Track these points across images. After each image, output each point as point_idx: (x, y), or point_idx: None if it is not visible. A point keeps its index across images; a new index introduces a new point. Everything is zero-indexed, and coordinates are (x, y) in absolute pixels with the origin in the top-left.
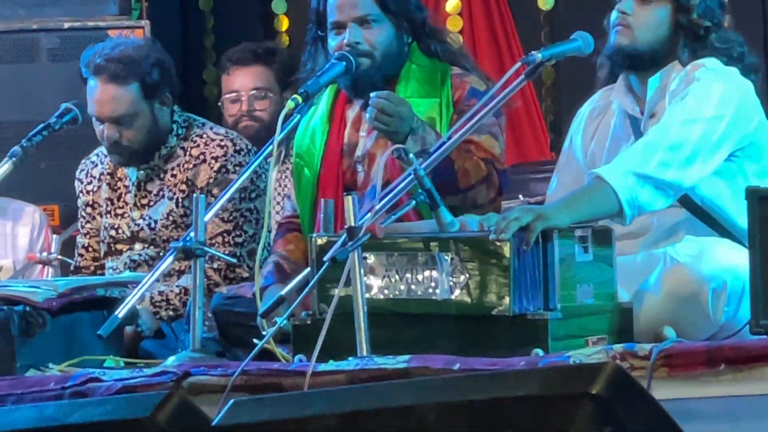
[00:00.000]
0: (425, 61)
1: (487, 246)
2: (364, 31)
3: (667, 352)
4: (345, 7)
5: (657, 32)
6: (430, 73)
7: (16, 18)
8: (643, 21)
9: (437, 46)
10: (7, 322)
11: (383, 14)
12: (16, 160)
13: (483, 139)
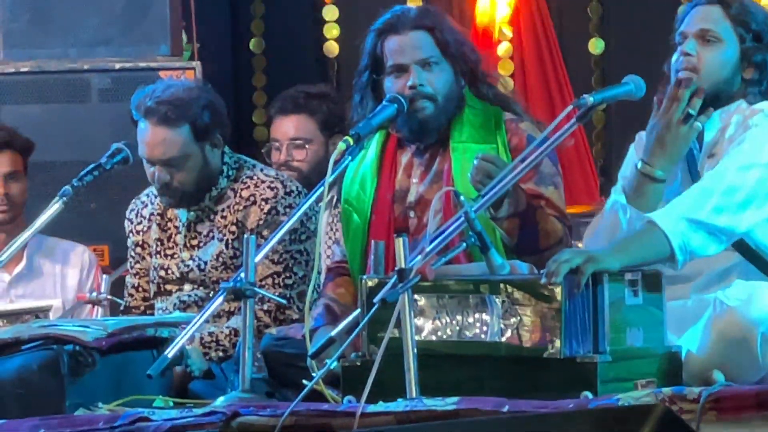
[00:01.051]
0: (478, 105)
1: (538, 289)
2: (426, 73)
3: (716, 396)
4: (407, 49)
5: (722, 73)
6: (484, 118)
7: (68, 58)
8: (708, 62)
9: (489, 90)
10: (56, 361)
11: (443, 57)
12: (67, 200)
13: (551, 193)
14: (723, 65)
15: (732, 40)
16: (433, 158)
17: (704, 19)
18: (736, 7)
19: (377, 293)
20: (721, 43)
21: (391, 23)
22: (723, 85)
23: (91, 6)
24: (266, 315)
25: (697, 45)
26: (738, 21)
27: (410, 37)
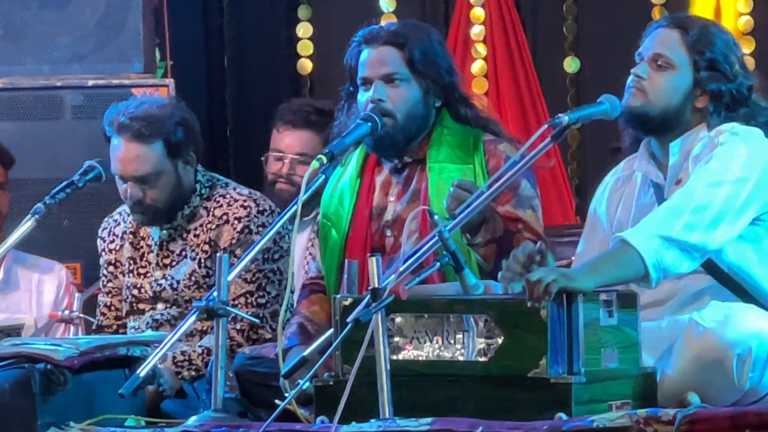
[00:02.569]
0: (456, 126)
1: (522, 310)
2: (390, 89)
3: (691, 418)
4: (374, 63)
5: (672, 98)
6: (461, 138)
7: (41, 74)
8: (657, 86)
9: (467, 111)
10: (28, 379)
11: (411, 75)
12: (39, 217)
13: (528, 216)
14: (673, 91)
15: (686, 67)
16: (411, 177)
17: (661, 43)
18: (695, 34)
19: (351, 312)
20: (673, 69)
21: (368, 36)
22: (672, 111)
23: (64, 23)
24: (239, 334)
25: (650, 69)
26: (694, 48)
27: (379, 51)
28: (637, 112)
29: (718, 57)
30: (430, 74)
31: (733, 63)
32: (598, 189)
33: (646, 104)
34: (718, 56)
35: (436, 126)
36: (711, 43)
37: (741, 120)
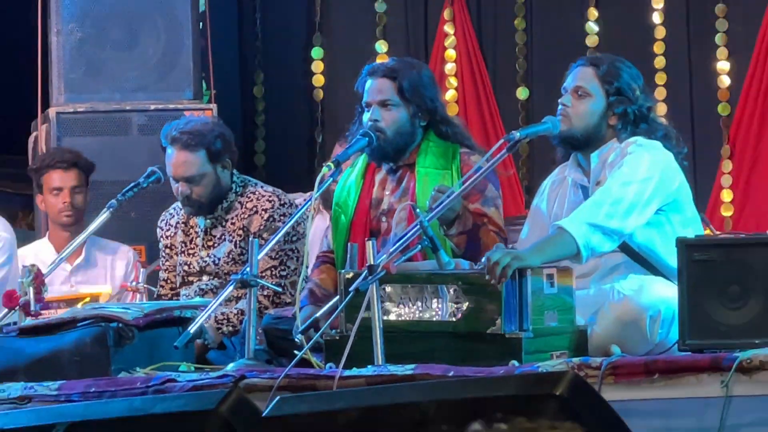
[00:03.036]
0: (439, 141)
1: (481, 282)
2: (384, 112)
3: (613, 364)
4: (373, 91)
5: (589, 120)
6: (443, 151)
7: (114, 101)
8: (579, 111)
9: (448, 129)
10: (104, 335)
11: (400, 100)
12: (113, 210)
13: (492, 213)
14: (591, 114)
15: (599, 95)
16: (402, 178)
17: (579, 78)
18: (604, 69)
19: (352, 283)
20: (590, 97)
21: (371, 70)
22: (592, 129)
23: (132, 61)
24: (266, 299)
25: (572, 98)
26: (605, 80)
27: (378, 82)
28: (565, 135)
29: (623, 86)
30: (415, 100)
31: (635, 89)
32: (539, 189)
33: (571, 128)
34: (623, 85)
35: (424, 140)
36: (618, 75)
37: (644, 134)
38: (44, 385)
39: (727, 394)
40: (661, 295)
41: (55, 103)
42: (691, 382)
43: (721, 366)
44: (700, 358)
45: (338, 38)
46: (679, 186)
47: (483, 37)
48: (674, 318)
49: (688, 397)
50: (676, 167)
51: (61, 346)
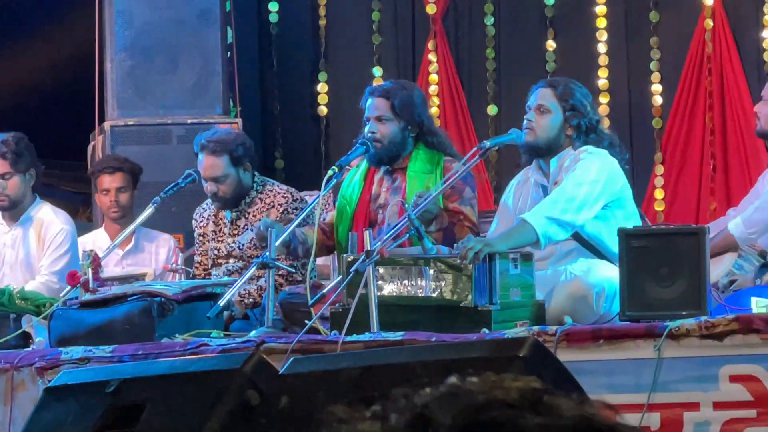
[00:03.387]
0: (427, 150)
1: (457, 264)
2: (380, 125)
3: (566, 332)
4: (371, 108)
5: (550, 132)
6: (430, 158)
7: (158, 116)
8: (542, 125)
9: (434, 140)
10: (149, 308)
11: (393, 116)
12: (157, 205)
13: (467, 211)
14: (552, 127)
15: (558, 111)
16: (396, 178)
17: (540, 97)
18: (560, 89)
19: (352, 265)
20: (551, 113)
21: (372, 90)
22: (553, 140)
23: (172, 83)
24: (281, 278)
25: (536, 114)
26: (562, 98)
27: (376, 100)
28: (531, 145)
29: (576, 102)
30: (405, 116)
31: (585, 105)
32: (507, 187)
33: (536, 139)
34: (577, 102)
35: (415, 149)
36: (572, 94)
37: (594, 143)
38: (100, 349)
39: (659, 356)
40: (605, 275)
41: (109, 117)
42: (629, 347)
43: (654, 333)
44: (637, 326)
45: (340, 65)
46: (622, 187)
47: (460, 63)
48: (616, 294)
49: (627, 359)
50: (619, 171)
51: (114, 317)
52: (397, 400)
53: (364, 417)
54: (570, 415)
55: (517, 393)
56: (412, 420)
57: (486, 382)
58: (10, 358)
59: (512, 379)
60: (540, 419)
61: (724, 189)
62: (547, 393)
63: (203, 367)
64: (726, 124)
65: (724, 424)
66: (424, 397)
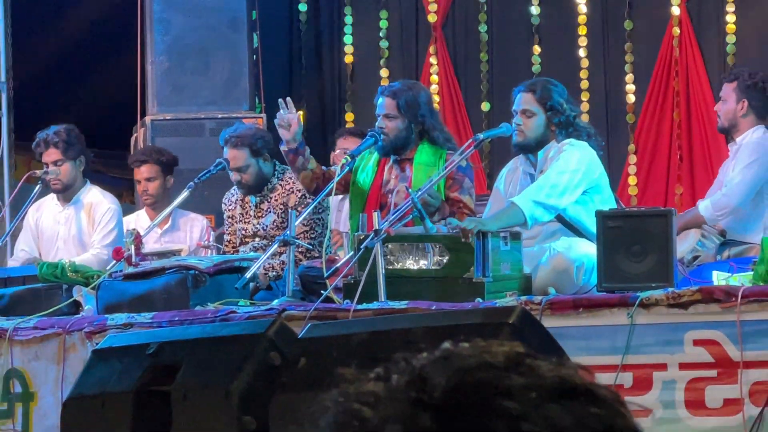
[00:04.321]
0: (431, 145)
1: (457, 242)
2: (387, 121)
3: (550, 301)
4: (381, 106)
5: (537, 131)
6: (434, 152)
7: (192, 112)
8: (529, 127)
9: (439, 136)
10: (184, 279)
11: (398, 114)
12: (191, 190)
13: (466, 200)
14: (538, 127)
15: (540, 112)
16: (404, 167)
17: (523, 102)
18: (540, 92)
19: (363, 242)
20: (535, 116)
21: (383, 89)
22: (540, 137)
23: (205, 82)
24: (300, 254)
25: (522, 118)
26: (540, 101)
27: (384, 99)
28: (521, 145)
29: (554, 103)
30: (409, 115)
31: (562, 103)
32: (499, 175)
33: (525, 140)
34: (555, 102)
35: (420, 142)
36: (549, 95)
37: (574, 136)
38: (142, 315)
39: (632, 322)
40: (584, 251)
41: (150, 112)
42: (605, 314)
43: (627, 302)
44: (612, 296)
45: (355, 67)
46: (600, 175)
47: (457, 65)
48: (594, 268)
49: (604, 325)
50: (597, 161)
51: (153, 288)
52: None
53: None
54: (550, 375)
55: (503, 356)
56: (411, 380)
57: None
58: (62, 324)
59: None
60: (523, 379)
61: (690, 176)
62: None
63: (232, 331)
64: (691, 119)
65: (688, 382)
66: (421, 360)
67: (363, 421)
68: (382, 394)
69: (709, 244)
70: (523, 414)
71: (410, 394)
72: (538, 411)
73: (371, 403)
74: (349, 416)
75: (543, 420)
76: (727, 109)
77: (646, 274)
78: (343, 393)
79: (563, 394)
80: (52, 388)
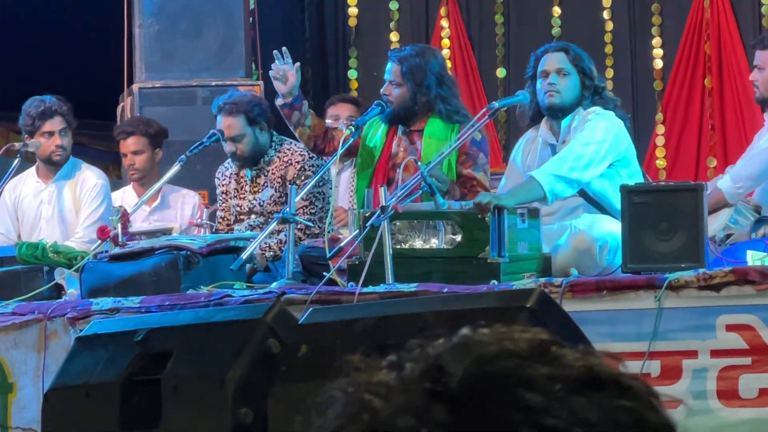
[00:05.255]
0: (441, 119)
1: (474, 218)
2: (393, 88)
3: (571, 283)
4: (388, 71)
5: (573, 93)
6: (446, 124)
7: (183, 79)
8: (566, 87)
9: (443, 109)
10: (176, 260)
11: (404, 81)
12: (183, 163)
13: (480, 176)
14: (574, 88)
15: (574, 73)
16: (413, 139)
17: (558, 61)
18: (572, 53)
19: (368, 220)
20: (570, 75)
21: (391, 53)
22: (576, 99)
23: (197, 47)
24: (300, 231)
25: (558, 78)
26: (575, 62)
27: (391, 64)
28: (557, 107)
29: (585, 66)
30: (415, 81)
31: (593, 69)
32: (515, 147)
33: (562, 101)
34: (586, 66)
35: (432, 114)
36: (581, 58)
37: (600, 105)
38: (129, 300)
39: (659, 306)
40: (608, 229)
41: (137, 80)
42: (631, 297)
43: (655, 285)
44: (638, 278)
45: (361, 31)
46: (627, 147)
47: (470, 29)
48: (618, 247)
49: (629, 309)
50: (625, 132)
51: (142, 269)
52: (412, 351)
53: (380, 366)
54: (576, 365)
55: (526, 344)
56: (426, 369)
57: (496, 333)
58: (43, 309)
59: (521, 330)
60: (547, 369)
61: (722, 148)
62: (554, 344)
63: (227, 317)
64: (723, 86)
65: (720, 371)
66: (437, 347)
67: (373, 412)
68: (395, 384)
69: (743, 221)
70: (546, 407)
71: (425, 385)
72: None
73: (383, 394)
74: (359, 407)
75: (568, 413)
76: (765, 78)
77: (674, 253)
78: (352, 382)
79: (590, 386)
80: (32, 379)
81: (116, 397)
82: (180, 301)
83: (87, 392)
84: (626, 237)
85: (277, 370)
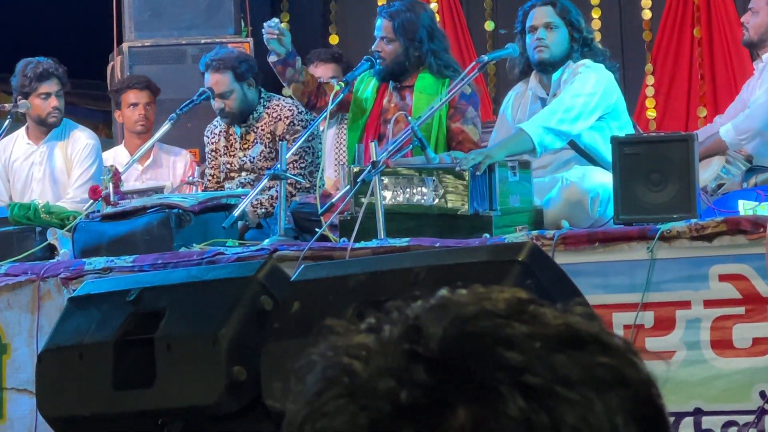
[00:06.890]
0: (432, 74)
1: (455, 172)
2: (384, 44)
3: (563, 236)
4: (378, 27)
5: (562, 46)
6: (436, 79)
7: (173, 37)
8: (555, 41)
9: (434, 63)
10: (168, 219)
11: (395, 36)
12: (173, 121)
13: (469, 130)
14: (563, 41)
15: (562, 26)
16: (404, 95)
17: (545, 15)
18: (559, 6)
19: (359, 176)
20: (559, 29)
21: (380, 9)
22: (565, 53)
23: (186, 5)
24: (290, 186)
25: (546, 32)
26: (562, 14)
27: (381, 20)
28: (547, 62)
29: (573, 19)
30: (407, 37)
31: (580, 21)
32: (505, 99)
33: (551, 55)
34: (573, 18)
35: (423, 69)
36: (568, 10)
37: (590, 57)
38: (122, 259)
39: (652, 257)
40: (600, 181)
41: (127, 39)
42: (623, 249)
43: (647, 235)
44: (630, 229)
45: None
46: (617, 99)
47: None
48: (610, 199)
49: (622, 260)
50: (615, 84)
51: (134, 228)
52: (390, 313)
53: (359, 330)
54: (555, 323)
55: (504, 303)
56: (405, 331)
57: (474, 293)
58: (36, 269)
59: (499, 290)
60: (526, 327)
61: (713, 97)
62: (533, 303)
63: (219, 275)
64: (713, 35)
65: (714, 321)
66: (415, 309)
67: (353, 375)
68: (374, 346)
69: (735, 170)
70: (526, 365)
71: (404, 346)
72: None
73: (362, 357)
74: (339, 371)
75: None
76: (758, 23)
77: (666, 204)
78: (331, 346)
79: (570, 343)
80: (26, 339)
81: (109, 357)
82: (172, 260)
83: (80, 352)
84: (618, 188)
85: (269, 328)
